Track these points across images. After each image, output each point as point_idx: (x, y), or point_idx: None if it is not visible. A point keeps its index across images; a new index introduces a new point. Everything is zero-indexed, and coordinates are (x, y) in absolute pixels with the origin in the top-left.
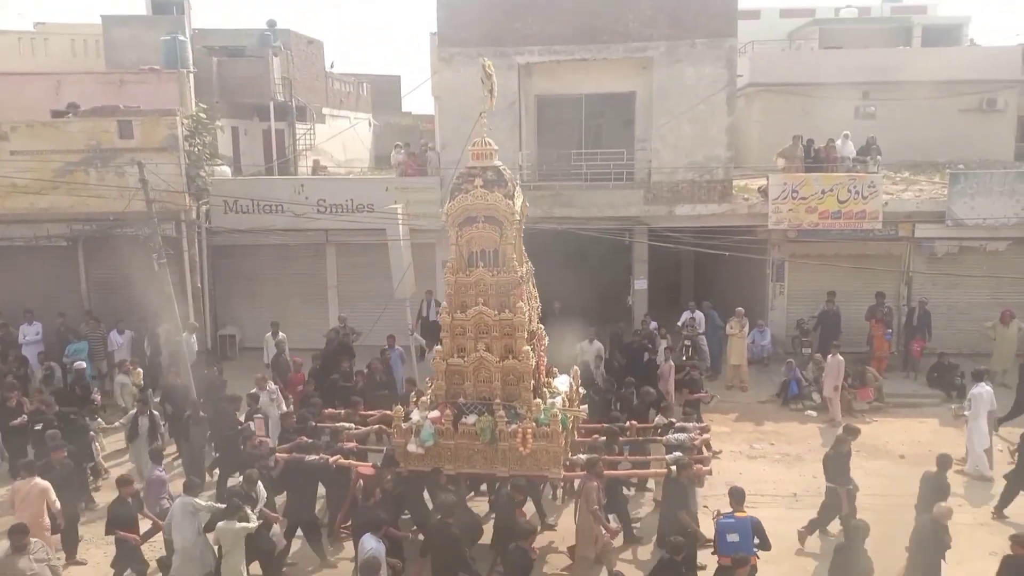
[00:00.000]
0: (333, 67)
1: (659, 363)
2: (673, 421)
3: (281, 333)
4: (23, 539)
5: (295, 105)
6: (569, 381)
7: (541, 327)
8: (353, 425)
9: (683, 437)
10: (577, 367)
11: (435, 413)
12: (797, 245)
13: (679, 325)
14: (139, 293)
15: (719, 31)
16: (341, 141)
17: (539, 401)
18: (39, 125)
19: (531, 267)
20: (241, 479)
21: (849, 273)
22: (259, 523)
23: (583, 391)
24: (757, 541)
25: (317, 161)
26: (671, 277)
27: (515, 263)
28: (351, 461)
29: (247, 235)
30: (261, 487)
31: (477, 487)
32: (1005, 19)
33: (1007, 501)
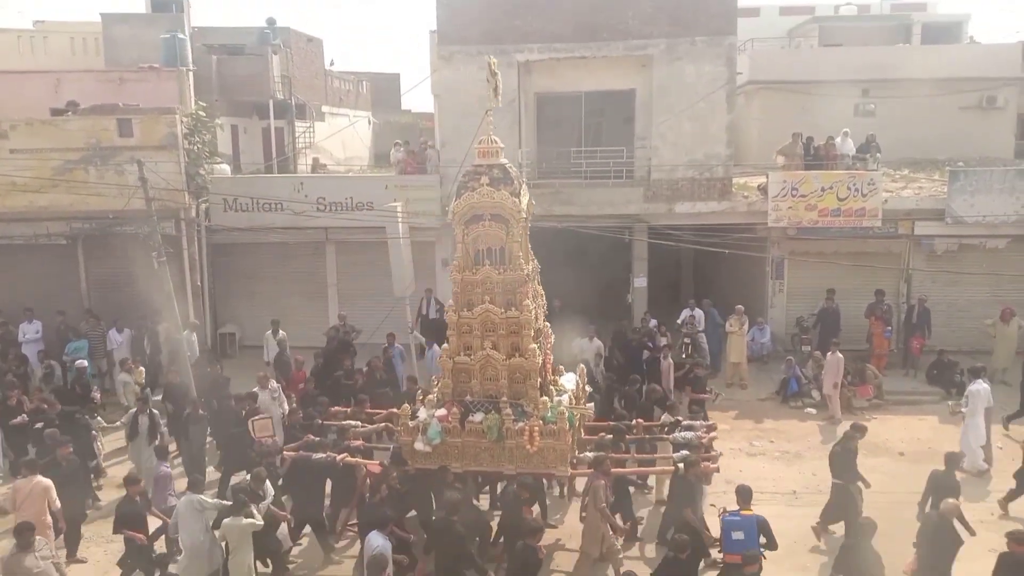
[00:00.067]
0: (333, 65)
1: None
2: (680, 419)
3: (282, 331)
4: (29, 537)
5: (294, 103)
6: (575, 379)
7: (547, 325)
8: (360, 423)
9: (690, 435)
10: (585, 365)
11: (442, 411)
12: (797, 243)
13: (679, 323)
14: (139, 291)
15: (719, 29)
16: (340, 139)
17: (546, 399)
18: (38, 123)
19: (537, 265)
20: (247, 477)
21: (849, 271)
22: (262, 523)
23: (589, 389)
24: (764, 540)
25: (316, 159)
26: (671, 275)
27: (521, 261)
28: (358, 459)
29: (247, 233)
30: (268, 485)
31: (490, 485)
32: (1005, 17)
33: (1013, 498)
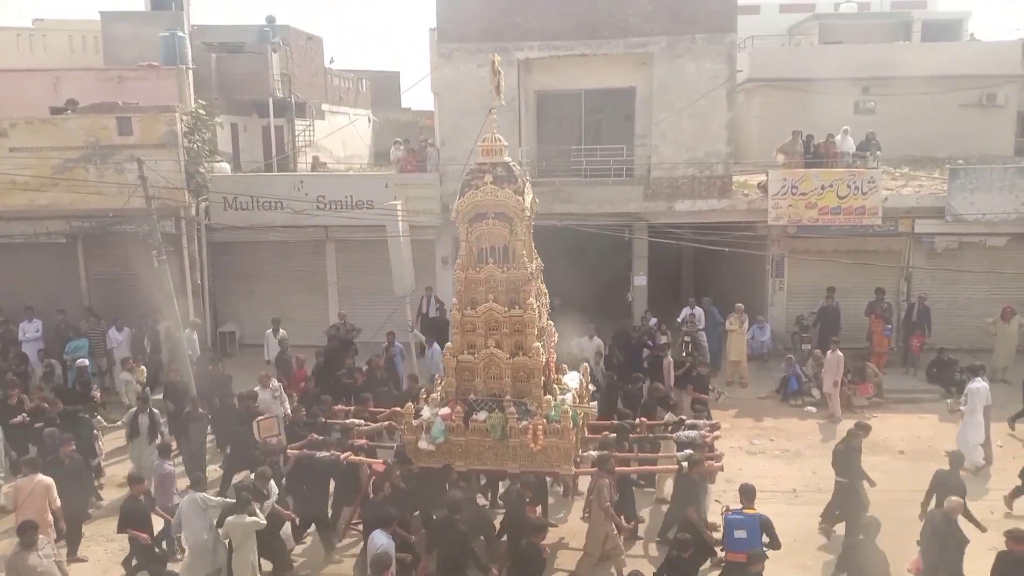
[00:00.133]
0: (332, 63)
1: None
2: (683, 418)
3: (282, 330)
4: (33, 535)
5: (294, 101)
6: (579, 378)
7: (551, 323)
8: (363, 422)
9: (694, 434)
10: (587, 363)
11: (446, 410)
12: (797, 241)
13: (679, 321)
14: (139, 290)
15: (719, 26)
16: (340, 137)
17: (549, 398)
18: (38, 122)
19: (541, 263)
20: (250, 476)
21: (849, 269)
22: (265, 521)
23: (592, 387)
24: (766, 539)
25: (316, 157)
26: (671, 273)
27: (525, 259)
28: (362, 458)
29: (247, 232)
30: (273, 484)
31: (491, 484)
32: (1006, 17)
33: (1017, 495)
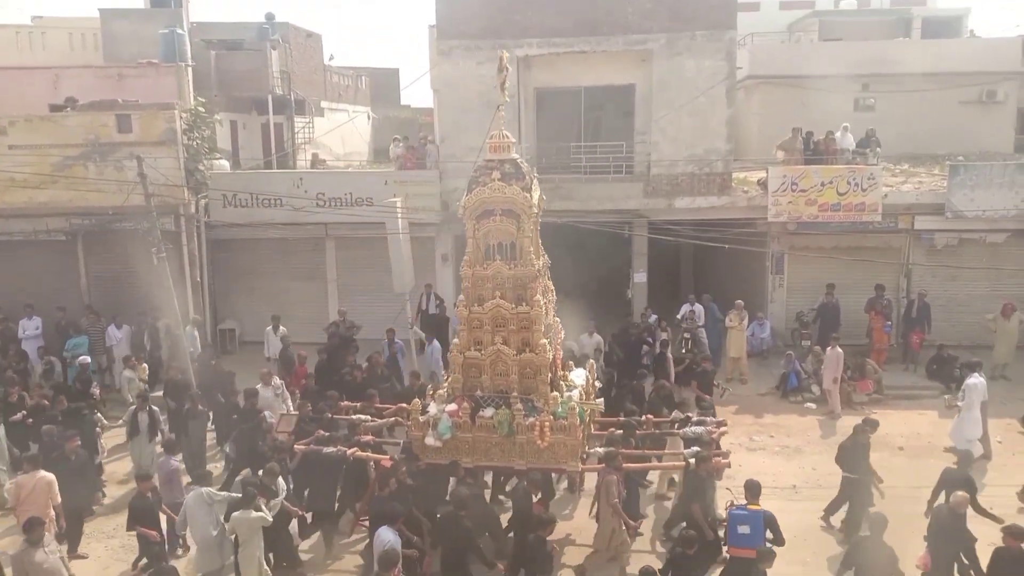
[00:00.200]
0: (332, 60)
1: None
2: (690, 416)
3: (283, 327)
4: (40, 532)
5: (294, 98)
6: (585, 374)
7: (557, 320)
8: (370, 418)
9: (700, 430)
10: (593, 360)
11: (452, 406)
12: (796, 237)
13: (679, 318)
14: (139, 287)
15: (719, 23)
16: (340, 134)
17: (556, 394)
18: (37, 119)
19: (547, 260)
20: (255, 472)
21: (848, 265)
22: (271, 518)
23: (598, 384)
24: (770, 535)
25: (316, 155)
26: (670, 270)
27: (532, 256)
28: (369, 453)
29: (246, 229)
30: (282, 480)
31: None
32: (1005, 15)
33: None
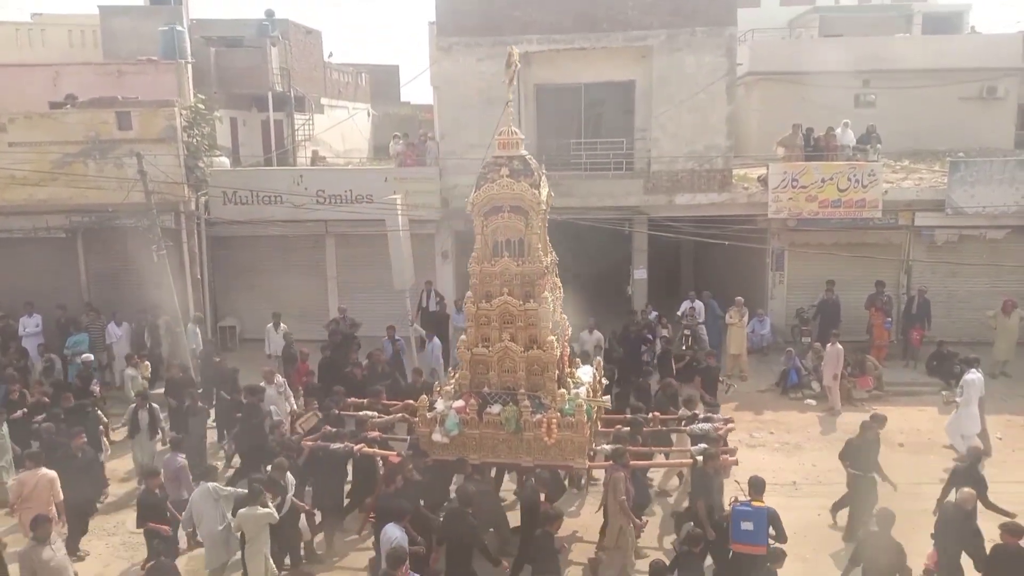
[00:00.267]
0: (331, 57)
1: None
2: (697, 413)
3: (283, 324)
4: (47, 529)
5: (293, 95)
6: (592, 371)
7: (564, 317)
8: (377, 414)
9: (707, 427)
10: (599, 359)
11: (460, 403)
12: (797, 234)
13: (679, 314)
14: (139, 285)
15: (719, 19)
16: (340, 131)
17: (563, 391)
18: (37, 117)
19: (555, 257)
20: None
21: (849, 262)
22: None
23: (605, 381)
24: (773, 532)
25: (316, 152)
26: (671, 267)
27: (540, 253)
28: (376, 449)
29: (246, 226)
30: (290, 476)
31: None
32: (1006, 11)
33: None
